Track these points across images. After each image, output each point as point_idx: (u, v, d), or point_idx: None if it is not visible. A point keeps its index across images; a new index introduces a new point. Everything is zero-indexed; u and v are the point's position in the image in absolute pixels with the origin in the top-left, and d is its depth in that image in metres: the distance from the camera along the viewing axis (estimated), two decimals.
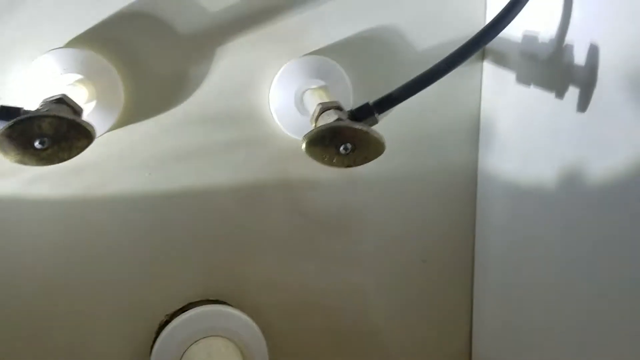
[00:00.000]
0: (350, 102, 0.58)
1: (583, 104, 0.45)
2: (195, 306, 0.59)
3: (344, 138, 0.43)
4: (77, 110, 0.44)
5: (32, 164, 0.39)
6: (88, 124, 0.39)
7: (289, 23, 0.56)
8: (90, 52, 0.52)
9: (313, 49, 0.57)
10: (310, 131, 0.43)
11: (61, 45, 0.51)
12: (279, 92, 0.57)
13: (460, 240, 0.64)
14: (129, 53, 0.53)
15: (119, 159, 0.56)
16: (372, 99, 0.57)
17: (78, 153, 0.39)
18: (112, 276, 0.58)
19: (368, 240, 0.63)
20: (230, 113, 0.57)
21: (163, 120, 0.56)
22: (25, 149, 0.38)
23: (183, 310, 0.59)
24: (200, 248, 0.59)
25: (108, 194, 0.56)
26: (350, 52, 0.57)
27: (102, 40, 0.52)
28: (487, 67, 0.59)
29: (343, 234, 0.62)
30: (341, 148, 0.43)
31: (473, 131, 0.61)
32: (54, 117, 0.38)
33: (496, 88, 0.58)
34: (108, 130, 0.54)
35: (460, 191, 0.63)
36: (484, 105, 0.60)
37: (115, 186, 0.56)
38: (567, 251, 0.48)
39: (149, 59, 0.54)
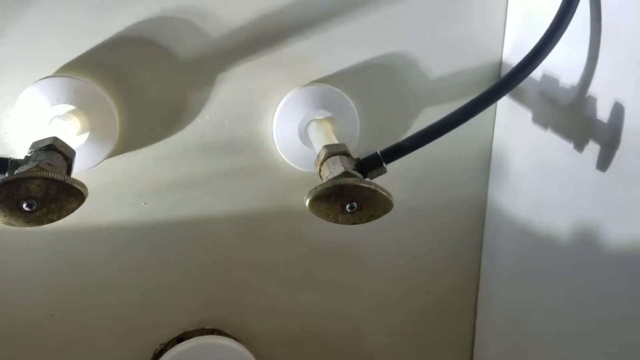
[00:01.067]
0: (357, 134, 0.55)
1: (604, 163, 0.42)
2: (190, 335, 0.58)
3: (350, 196, 0.41)
4: (68, 156, 0.41)
5: (20, 226, 0.37)
6: (79, 183, 0.37)
7: (294, 49, 0.53)
8: (83, 81, 0.49)
9: (319, 77, 0.54)
10: (315, 188, 0.41)
11: (51, 74, 0.48)
12: (282, 122, 0.54)
13: (465, 275, 0.62)
14: (124, 80, 0.50)
15: (114, 188, 0.53)
16: (380, 130, 0.55)
17: (68, 214, 0.37)
18: (107, 305, 0.57)
19: (370, 271, 0.61)
20: (231, 142, 0.54)
21: (160, 149, 0.53)
22: (12, 211, 0.36)
23: (178, 339, 0.58)
24: (197, 277, 0.58)
25: (103, 223, 0.54)
26: (357, 80, 0.54)
27: (95, 67, 0.49)
28: (502, 100, 0.56)
29: (344, 264, 0.61)
30: (347, 207, 0.41)
31: (484, 166, 0.59)
32: (43, 179, 0.35)
33: (511, 124, 0.56)
34: (103, 160, 0.51)
35: (468, 226, 0.61)
36: (497, 140, 0.58)
37: (111, 216, 0.54)
38: (573, 308, 0.47)
39: (146, 87, 0.51)
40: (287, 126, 0.54)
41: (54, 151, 0.40)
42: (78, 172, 0.50)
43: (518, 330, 0.56)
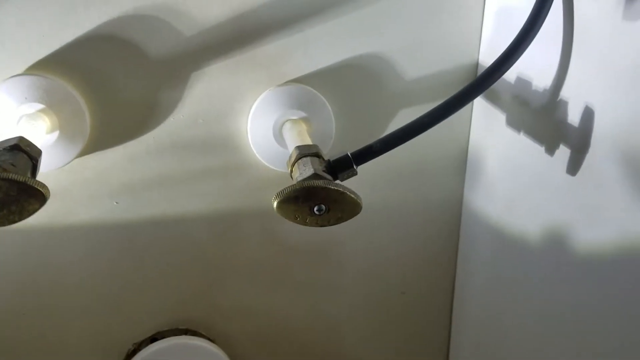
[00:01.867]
0: (333, 135, 0.55)
1: (574, 167, 0.42)
2: (164, 335, 0.58)
3: (318, 199, 0.40)
4: (33, 156, 0.41)
5: None
6: (40, 185, 0.36)
7: (269, 48, 0.52)
8: (53, 79, 0.48)
9: (294, 77, 0.54)
10: (283, 190, 0.40)
11: (21, 72, 0.48)
12: (257, 121, 0.53)
13: (441, 275, 0.62)
14: (95, 79, 0.50)
15: (85, 187, 0.53)
16: (355, 130, 0.55)
17: (30, 215, 0.37)
18: (78, 304, 0.56)
19: (346, 271, 0.61)
20: (206, 141, 0.54)
21: (132, 148, 0.53)
22: None
23: (152, 339, 0.58)
24: (171, 277, 0.57)
25: (74, 223, 0.54)
26: (333, 81, 0.54)
27: (66, 65, 0.49)
28: (478, 102, 0.56)
29: (320, 263, 0.60)
30: (315, 209, 0.41)
31: (460, 168, 0.59)
32: (3, 180, 0.35)
33: (486, 127, 0.56)
34: (73, 159, 0.50)
35: (444, 226, 0.61)
36: (472, 142, 0.58)
37: (82, 215, 0.53)
38: (545, 310, 0.47)
39: (118, 85, 0.50)
40: (262, 126, 0.53)
41: (19, 151, 0.40)
42: (48, 171, 0.49)
43: (493, 330, 0.56)
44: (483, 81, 0.42)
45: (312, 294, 0.61)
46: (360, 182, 0.42)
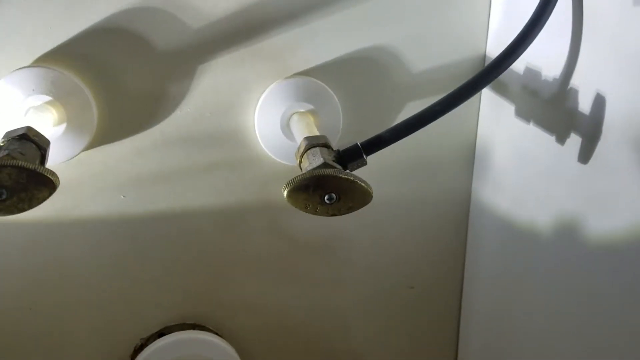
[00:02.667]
0: (340, 127, 0.54)
1: (585, 156, 0.42)
2: (172, 330, 0.58)
3: (328, 187, 0.40)
4: (42, 146, 0.40)
5: None
6: (50, 172, 0.36)
7: (276, 41, 0.52)
8: (60, 71, 0.48)
9: (301, 69, 0.53)
10: (293, 179, 0.40)
11: (28, 64, 0.47)
12: (264, 114, 0.53)
13: (450, 269, 0.62)
14: (102, 71, 0.50)
15: (92, 181, 0.53)
16: (363, 123, 0.54)
17: (39, 204, 0.37)
18: (86, 299, 0.56)
19: (353, 265, 0.61)
20: (213, 134, 0.54)
21: (139, 141, 0.52)
22: None
23: (159, 334, 0.58)
24: (178, 271, 0.57)
25: (81, 216, 0.53)
26: (340, 73, 0.54)
27: (73, 57, 0.49)
28: (486, 93, 0.56)
29: (327, 257, 0.60)
30: (325, 198, 0.41)
31: (468, 158, 0.58)
32: (12, 167, 0.35)
33: (494, 117, 0.55)
34: (80, 152, 0.50)
35: (452, 220, 0.60)
36: (481, 134, 0.57)
37: (89, 208, 0.53)
38: (555, 301, 0.47)
39: (125, 78, 0.50)
40: (269, 119, 0.53)
41: (27, 140, 0.40)
42: (55, 164, 0.49)
43: (503, 324, 0.56)
44: (493, 69, 0.42)
45: (319, 288, 0.61)
46: (367, 176, 0.41)
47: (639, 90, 0.37)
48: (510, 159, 0.53)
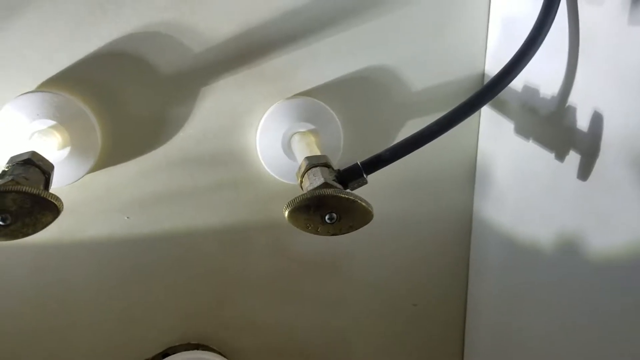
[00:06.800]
0: (341, 146, 0.55)
1: (584, 173, 0.42)
2: (176, 351, 0.58)
3: (329, 207, 0.41)
4: (46, 170, 0.41)
5: None
6: (54, 197, 0.37)
7: (277, 62, 0.53)
8: (64, 96, 0.49)
9: (302, 90, 0.54)
10: (294, 199, 0.40)
11: (32, 89, 0.48)
12: (266, 135, 0.54)
13: (453, 286, 0.62)
14: (106, 95, 0.50)
15: (96, 203, 0.53)
16: (364, 142, 0.55)
17: (43, 228, 0.37)
18: (89, 320, 0.56)
19: (356, 283, 0.61)
20: (215, 155, 0.54)
21: (143, 164, 0.53)
22: None
23: (163, 355, 0.58)
24: (182, 291, 0.57)
25: (85, 238, 0.54)
26: (341, 93, 0.54)
27: (76, 82, 0.49)
28: (486, 111, 0.56)
29: (330, 276, 0.60)
30: (326, 217, 0.41)
31: (469, 175, 0.59)
32: (17, 192, 0.35)
33: (494, 134, 0.56)
34: (85, 175, 0.51)
35: (454, 236, 0.60)
36: (481, 151, 0.58)
37: (93, 230, 0.54)
38: (558, 315, 0.47)
39: (128, 101, 0.51)
40: (270, 139, 0.54)
41: (32, 165, 0.40)
42: (59, 187, 0.50)
43: (507, 340, 0.55)
44: (489, 89, 0.43)
45: (322, 307, 0.61)
46: (369, 194, 0.42)
47: (636, 107, 0.37)
48: (511, 175, 0.53)
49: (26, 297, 0.54)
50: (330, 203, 0.40)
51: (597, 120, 0.41)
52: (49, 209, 0.36)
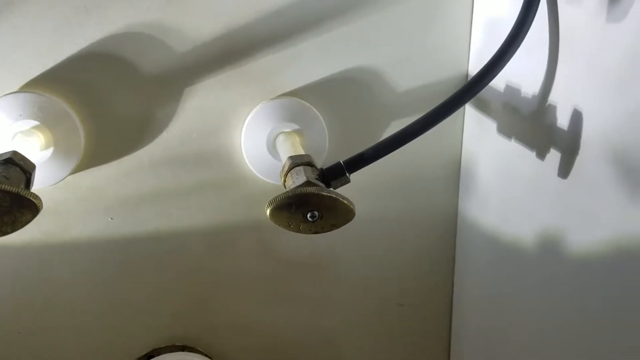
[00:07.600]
0: (326, 147, 0.55)
1: (565, 170, 0.43)
2: (161, 352, 0.57)
3: (311, 205, 0.41)
4: (27, 170, 0.41)
5: None
6: (33, 195, 0.36)
7: (262, 63, 0.53)
8: (48, 96, 0.49)
9: (287, 90, 0.54)
10: (276, 197, 0.41)
11: (16, 89, 0.48)
12: (251, 135, 0.54)
13: (439, 285, 0.62)
14: (89, 96, 0.50)
15: (80, 204, 0.53)
16: (349, 142, 0.55)
17: (22, 226, 0.37)
18: (74, 322, 0.56)
19: (343, 283, 0.61)
20: (199, 155, 0.54)
21: (127, 164, 0.53)
22: None
23: (148, 356, 0.57)
24: (167, 292, 0.57)
25: (69, 239, 0.54)
26: (325, 93, 0.55)
27: (60, 82, 0.49)
28: (469, 110, 0.57)
29: (316, 277, 0.60)
30: (308, 215, 0.41)
31: (454, 175, 0.59)
32: None
33: (477, 134, 0.56)
34: (68, 175, 0.51)
35: (440, 236, 0.61)
36: (465, 151, 0.58)
37: (76, 231, 0.54)
38: (544, 312, 0.47)
39: (112, 102, 0.51)
40: (255, 139, 0.54)
41: (12, 165, 0.40)
42: (42, 187, 0.50)
43: (493, 338, 0.56)
44: (471, 87, 0.43)
45: (308, 307, 0.61)
46: (354, 194, 0.42)
47: (615, 105, 0.37)
48: (495, 174, 0.53)
49: (10, 299, 0.54)
50: (312, 201, 0.40)
51: (576, 117, 0.41)
52: (28, 207, 0.36)
